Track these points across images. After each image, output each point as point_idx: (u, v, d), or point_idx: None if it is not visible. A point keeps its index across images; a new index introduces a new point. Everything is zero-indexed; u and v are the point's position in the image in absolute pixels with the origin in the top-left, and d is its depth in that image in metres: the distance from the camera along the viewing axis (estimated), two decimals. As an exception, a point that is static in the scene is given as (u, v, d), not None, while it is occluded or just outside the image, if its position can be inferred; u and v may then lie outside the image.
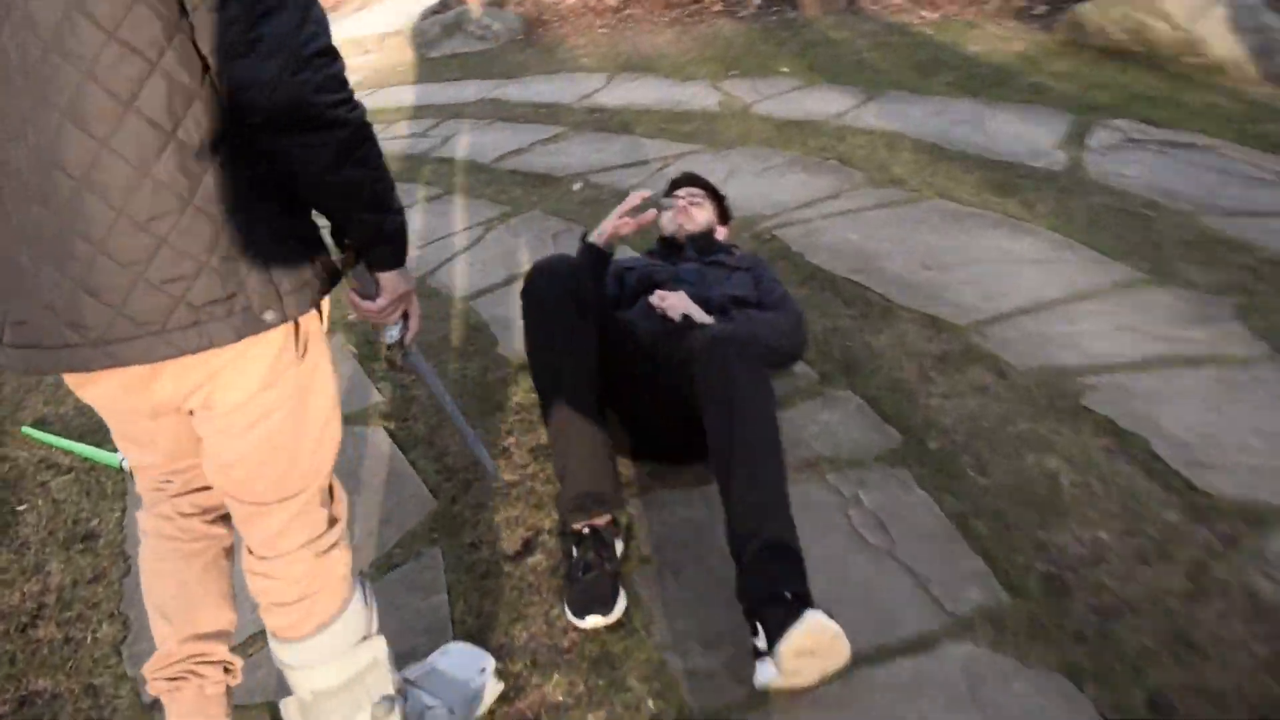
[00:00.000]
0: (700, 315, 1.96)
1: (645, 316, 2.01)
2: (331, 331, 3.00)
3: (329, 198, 1.13)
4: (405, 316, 1.37)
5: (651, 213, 2.08)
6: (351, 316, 3.03)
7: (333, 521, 1.35)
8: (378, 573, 1.95)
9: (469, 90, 5.88)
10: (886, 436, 2.07)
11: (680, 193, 2.56)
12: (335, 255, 1.25)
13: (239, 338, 1.12)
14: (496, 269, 3.29)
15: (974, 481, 1.88)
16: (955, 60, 4.62)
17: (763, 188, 3.51)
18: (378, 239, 1.20)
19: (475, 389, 2.56)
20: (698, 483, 1.99)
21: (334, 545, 1.34)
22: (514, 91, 5.64)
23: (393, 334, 1.37)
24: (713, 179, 2.56)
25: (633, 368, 1.95)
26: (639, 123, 4.59)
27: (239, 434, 1.21)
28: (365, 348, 2.90)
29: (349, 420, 2.42)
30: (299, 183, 1.11)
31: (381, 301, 1.30)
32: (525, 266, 3.22)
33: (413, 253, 3.46)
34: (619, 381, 1.94)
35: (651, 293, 2.06)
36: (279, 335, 1.19)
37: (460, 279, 3.27)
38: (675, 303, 1.95)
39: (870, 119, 4.05)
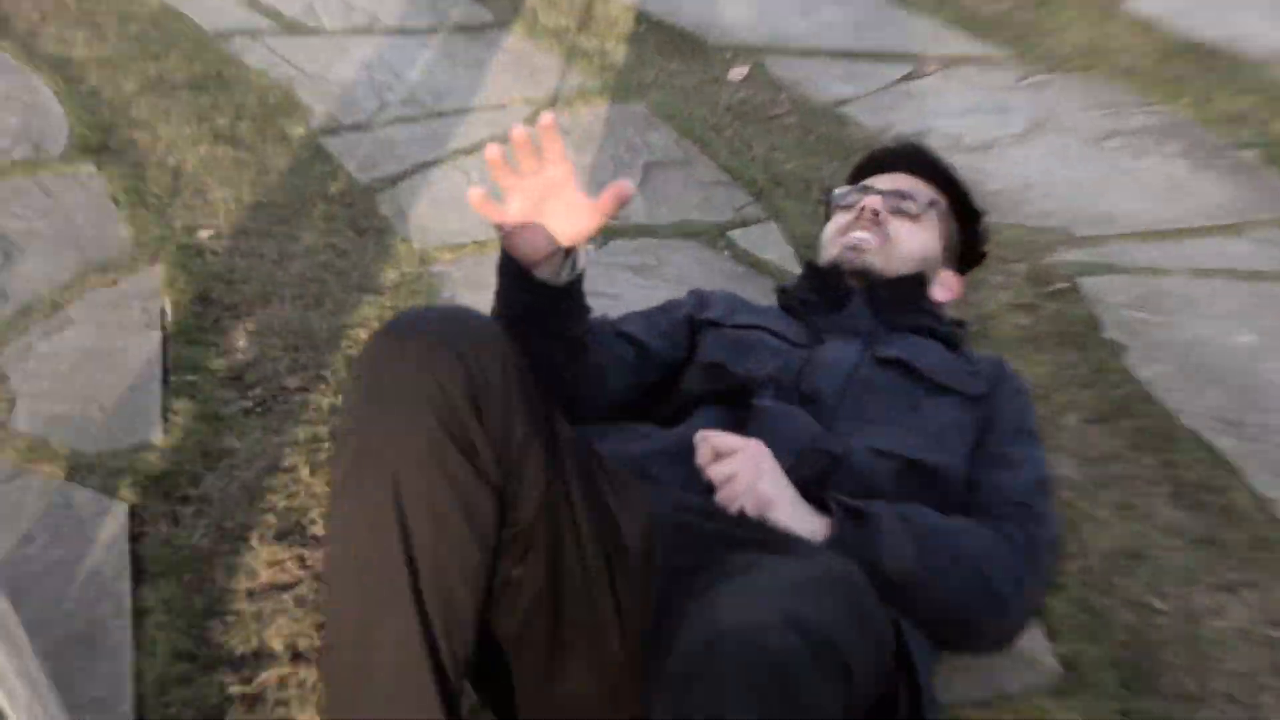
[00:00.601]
0: (790, 519, 1.56)
1: (675, 465, 1.66)
2: (153, 259, 2.64)
3: None
4: None
5: (626, 184, 1.56)
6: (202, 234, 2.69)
7: None
8: None
9: None
10: None
11: (876, 181, 2.16)
12: None
13: None
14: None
15: None
16: None
17: (1086, 173, 3.31)
18: None
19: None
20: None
21: None
22: None
23: None
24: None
25: (590, 580, 1.52)
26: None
27: None
28: (201, 310, 2.50)
29: (78, 469, 2.04)
30: None
31: None
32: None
33: (378, 132, 3.26)
34: (552, 598, 1.52)
35: (726, 404, 1.78)
36: None
37: (433, 209, 3.01)
38: (738, 474, 1.53)
39: (1353, 81, 3.81)
